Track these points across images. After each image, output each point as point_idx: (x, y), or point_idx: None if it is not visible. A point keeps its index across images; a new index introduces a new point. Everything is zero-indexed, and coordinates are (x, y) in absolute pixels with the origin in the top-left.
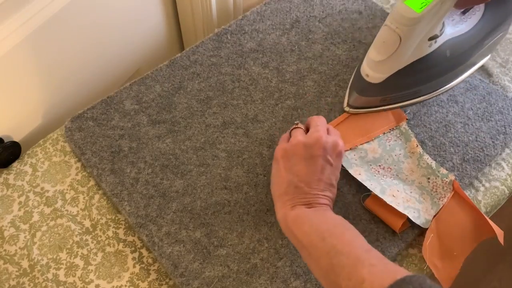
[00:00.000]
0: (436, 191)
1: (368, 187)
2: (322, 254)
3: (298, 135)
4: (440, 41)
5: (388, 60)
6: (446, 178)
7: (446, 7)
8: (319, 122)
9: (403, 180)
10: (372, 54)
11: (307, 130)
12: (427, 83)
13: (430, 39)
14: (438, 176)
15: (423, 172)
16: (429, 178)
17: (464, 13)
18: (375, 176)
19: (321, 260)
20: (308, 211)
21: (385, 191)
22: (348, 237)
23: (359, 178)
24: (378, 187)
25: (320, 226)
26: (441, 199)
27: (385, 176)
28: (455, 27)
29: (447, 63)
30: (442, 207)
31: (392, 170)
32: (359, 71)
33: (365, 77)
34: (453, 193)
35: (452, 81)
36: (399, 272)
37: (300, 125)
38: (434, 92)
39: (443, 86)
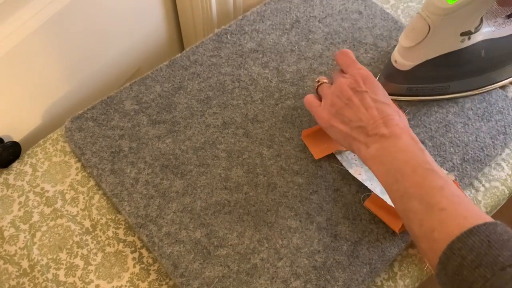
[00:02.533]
0: None
1: (369, 187)
2: (397, 197)
3: (325, 90)
4: (475, 39)
5: (416, 48)
6: None
7: (482, 5)
8: (337, 74)
9: None
10: (402, 39)
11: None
12: (457, 80)
13: (463, 34)
14: None
15: None
16: None
17: (509, 17)
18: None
19: (396, 203)
20: (380, 148)
21: (385, 191)
22: (420, 175)
23: (359, 178)
24: (378, 187)
25: (393, 165)
26: None
27: None
28: (495, 28)
29: (480, 63)
30: None
31: None
32: (390, 58)
33: (393, 63)
34: None
35: (485, 85)
36: (469, 218)
37: (322, 79)
38: (465, 93)
39: (475, 88)
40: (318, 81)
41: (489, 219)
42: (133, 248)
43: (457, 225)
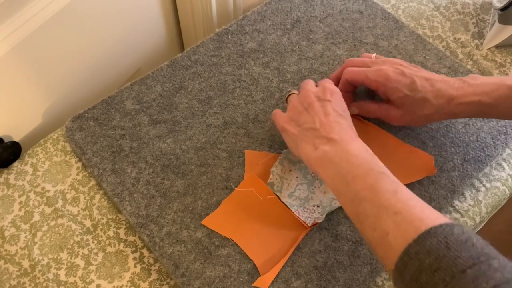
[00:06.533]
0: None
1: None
2: (347, 201)
3: (292, 98)
4: None
5: None
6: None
7: None
8: (306, 84)
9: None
10: None
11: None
12: None
13: None
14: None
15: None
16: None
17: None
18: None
19: (347, 207)
20: (330, 150)
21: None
22: (372, 178)
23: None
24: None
25: (343, 168)
26: None
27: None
28: None
29: None
30: None
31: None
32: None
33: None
34: None
35: None
36: (425, 220)
37: (293, 91)
38: None
39: None
40: (289, 91)
41: (446, 220)
42: (134, 248)
43: (412, 228)
